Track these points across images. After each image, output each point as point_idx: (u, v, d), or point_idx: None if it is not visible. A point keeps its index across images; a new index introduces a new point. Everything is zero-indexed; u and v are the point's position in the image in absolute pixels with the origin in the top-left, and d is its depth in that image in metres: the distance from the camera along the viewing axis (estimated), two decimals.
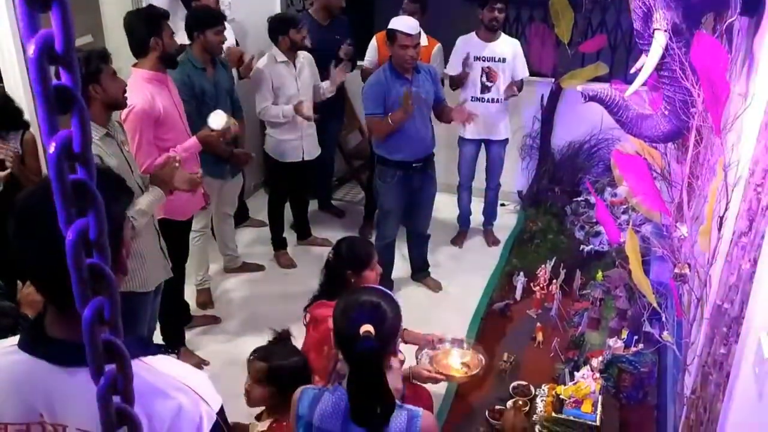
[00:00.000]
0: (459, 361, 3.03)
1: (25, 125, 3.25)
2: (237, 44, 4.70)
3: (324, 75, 4.54)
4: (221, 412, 1.22)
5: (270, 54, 4.33)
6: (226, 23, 4.59)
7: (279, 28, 4.27)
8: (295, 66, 4.32)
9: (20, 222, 1.10)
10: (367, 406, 1.76)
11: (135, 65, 3.25)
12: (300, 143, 4.47)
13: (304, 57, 4.39)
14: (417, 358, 2.99)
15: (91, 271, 0.65)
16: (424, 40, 4.19)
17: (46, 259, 1.04)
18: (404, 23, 3.78)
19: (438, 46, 4.69)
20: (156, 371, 1.16)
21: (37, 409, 1.13)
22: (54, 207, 0.63)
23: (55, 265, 0.79)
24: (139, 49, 3.22)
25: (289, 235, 4.90)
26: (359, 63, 4.84)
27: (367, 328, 1.75)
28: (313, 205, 5.37)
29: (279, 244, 4.77)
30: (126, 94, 2.75)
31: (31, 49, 0.58)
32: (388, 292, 2.07)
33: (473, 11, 4.65)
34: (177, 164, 2.90)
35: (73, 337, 1.11)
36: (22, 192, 1.17)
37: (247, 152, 4.15)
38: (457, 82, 4.64)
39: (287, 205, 4.81)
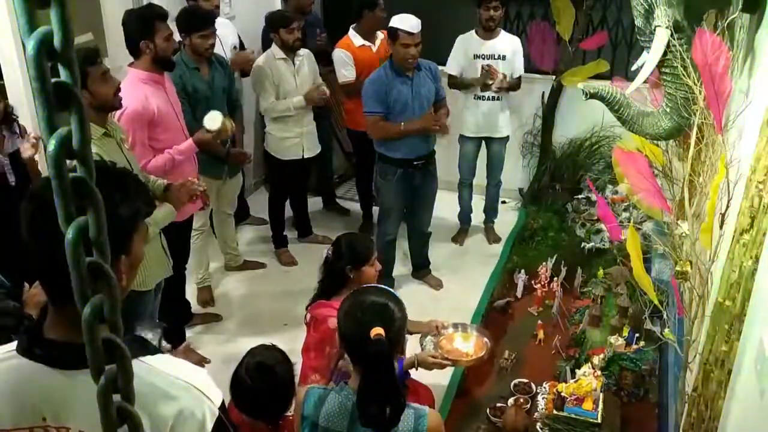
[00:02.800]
0: (463, 345, 3.02)
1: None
2: (240, 42, 4.70)
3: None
4: (222, 407, 1.22)
5: (269, 51, 4.33)
6: (228, 21, 4.61)
7: (271, 26, 4.28)
8: (293, 63, 4.32)
9: (35, 212, 1.09)
10: (379, 408, 1.75)
11: (131, 65, 3.24)
12: (300, 140, 4.47)
13: (303, 54, 4.38)
14: (422, 345, 2.97)
15: (90, 269, 0.65)
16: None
17: (51, 253, 1.04)
18: (406, 22, 3.77)
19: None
20: (156, 371, 1.16)
21: (39, 412, 1.12)
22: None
23: (60, 259, 0.79)
24: (132, 51, 3.20)
25: (290, 233, 4.90)
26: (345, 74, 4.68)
27: (378, 331, 1.74)
28: (317, 203, 5.37)
29: (280, 242, 4.77)
30: (119, 94, 2.70)
31: (30, 46, 0.57)
32: (391, 290, 2.06)
33: (472, 9, 4.65)
34: (196, 189, 2.90)
35: (72, 339, 1.10)
36: (39, 181, 1.17)
37: (243, 152, 4.15)
38: (462, 85, 4.64)
39: (288, 203, 4.81)
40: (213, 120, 3.41)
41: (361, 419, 1.77)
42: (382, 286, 2.11)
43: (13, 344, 1.18)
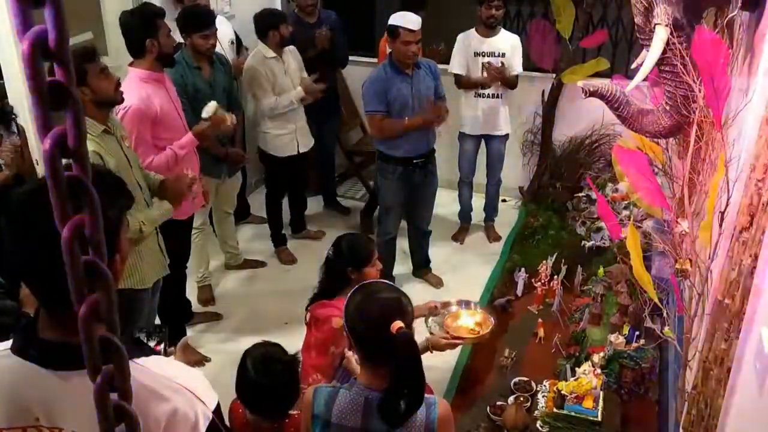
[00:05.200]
0: (469, 322, 2.98)
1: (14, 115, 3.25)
2: (237, 38, 4.70)
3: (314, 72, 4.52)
4: (217, 410, 1.21)
5: (258, 51, 4.28)
6: (225, 19, 4.61)
7: (270, 23, 4.23)
8: (283, 60, 4.31)
9: (13, 219, 1.09)
10: (409, 401, 1.74)
11: (131, 64, 3.23)
12: (294, 136, 4.46)
13: (288, 49, 4.36)
14: (428, 327, 2.93)
15: (86, 268, 0.65)
16: None
17: (39, 258, 1.04)
18: (406, 19, 3.77)
19: None
20: (150, 373, 1.15)
21: (32, 413, 1.12)
22: (47, 205, 0.62)
23: (48, 263, 0.78)
24: (136, 51, 3.19)
25: (285, 230, 4.89)
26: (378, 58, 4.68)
27: (399, 324, 1.74)
28: (318, 202, 5.37)
29: (279, 241, 4.77)
30: (120, 89, 2.71)
31: (25, 46, 0.57)
32: (390, 283, 2.07)
33: (473, 8, 4.64)
34: (190, 180, 2.89)
35: (66, 339, 1.10)
36: (17, 189, 1.16)
37: (241, 152, 4.15)
38: (466, 84, 4.63)
39: (285, 202, 4.81)
40: (207, 108, 3.44)
41: (387, 414, 1.75)
42: (384, 280, 2.11)
43: (8, 343, 1.17)
